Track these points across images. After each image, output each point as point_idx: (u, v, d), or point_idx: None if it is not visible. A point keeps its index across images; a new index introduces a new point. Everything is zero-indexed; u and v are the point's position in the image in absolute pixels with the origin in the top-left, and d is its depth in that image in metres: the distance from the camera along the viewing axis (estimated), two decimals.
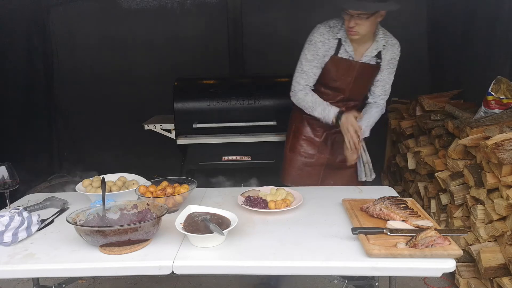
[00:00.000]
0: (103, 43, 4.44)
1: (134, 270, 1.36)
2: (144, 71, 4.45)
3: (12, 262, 1.38)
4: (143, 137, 3.87)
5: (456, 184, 2.63)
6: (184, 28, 4.42)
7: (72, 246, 1.46)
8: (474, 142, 2.49)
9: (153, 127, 3.65)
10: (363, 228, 1.46)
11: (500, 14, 3.11)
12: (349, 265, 1.33)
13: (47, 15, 4.40)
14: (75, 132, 4.67)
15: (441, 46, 4.19)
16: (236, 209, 1.70)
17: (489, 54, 3.30)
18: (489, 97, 2.65)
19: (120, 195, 1.81)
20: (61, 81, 4.55)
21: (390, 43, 2.19)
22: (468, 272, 2.52)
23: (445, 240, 1.34)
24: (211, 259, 1.38)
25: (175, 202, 1.73)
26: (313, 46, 2.14)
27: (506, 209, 2.18)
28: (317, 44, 2.13)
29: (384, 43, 2.17)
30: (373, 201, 1.68)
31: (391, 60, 2.21)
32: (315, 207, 1.78)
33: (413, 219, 1.53)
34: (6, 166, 1.75)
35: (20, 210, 1.56)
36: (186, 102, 3.44)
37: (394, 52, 2.20)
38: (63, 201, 1.88)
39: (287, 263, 1.34)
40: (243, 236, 1.51)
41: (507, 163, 2.16)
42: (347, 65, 2.14)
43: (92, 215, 1.52)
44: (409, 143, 3.42)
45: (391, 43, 2.20)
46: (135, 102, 4.41)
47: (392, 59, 2.21)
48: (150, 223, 1.42)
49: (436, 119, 3.07)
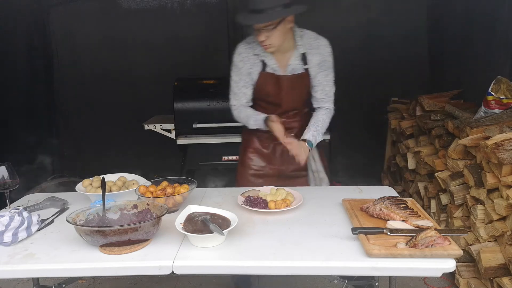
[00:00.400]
0: (103, 43, 4.45)
1: (134, 270, 1.36)
2: (144, 71, 4.46)
3: (12, 262, 1.38)
4: (143, 137, 3.87)
5: (456, 184, 2.63)
6: (184, 28, 4.42)
7: (72, 246, 1.46)
8: (474, 142, 2.49)
9: (153, 127, 3.66)
10: (363, 228, 1.46)
11: (500, 14, 3.11)
12: (349, 265, 1.33)
13: (47, 15, 4.40)
14: (75, 132, 4.68)
15: (441, 46, 4.20)
16: (236, 209, 1.70)
17: (489, 54, 3.31)
18: (489, 97, 2.65)
19: (120, 195, 1.81)
20: (61, 81, 4.56)
21: (314, 45, 2.06)
22: (468, 272, 2.52)
23: (445, 240, 1.34)
24: (211, 259, 1.38)
25: (175, 202, 1.73)
26: (235, 67, 2.09)
27: (506, 209, 2.18)
28: (238, 64, 2.08)
29: (308, 46, 2.05)
30: (373, 201, 1.68)
31: (323, 62, 2.08)
32: (315, 207, 1.78)
33: (413, 219, 1.53)
34: (6, 166, 1.74)
35: (20, 210, 1.56)
36: (186, 102, 3.44)
37: (322, 54, 2.07)
38: (63, 201, 1.88)
39: (287, 263, 1.34)
40: (243, 236, 1.51)
41: (507, 163, 2.16)
42: (274, 79, 2.07)
43: (92, 215, 1.52)
44: (409, 143, 3.42)
45: (316, 45, 2.06)
46: (135, 102, 4.42)
47: (322, 61, 2.08)
48: (150, 223, 1.42)
49: (436, 119, 3.08)
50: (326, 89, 2.12)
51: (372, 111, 4.29)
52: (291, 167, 2.17)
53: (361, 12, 4.45)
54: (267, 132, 2.15)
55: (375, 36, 4.41)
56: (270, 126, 2.02)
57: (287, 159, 2.15)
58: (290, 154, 1.98)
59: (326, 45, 2.08)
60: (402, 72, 4.33)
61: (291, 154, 1.97)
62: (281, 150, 2.16)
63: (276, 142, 2.15)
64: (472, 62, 3.55)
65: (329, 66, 2.09)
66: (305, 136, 2.05)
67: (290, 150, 1.97)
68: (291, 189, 1.90)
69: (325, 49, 2.08)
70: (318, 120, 2.12)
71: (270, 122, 2.02)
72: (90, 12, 4.39)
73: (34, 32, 4.30)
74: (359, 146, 4.40)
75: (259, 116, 2.09)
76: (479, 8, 3.39)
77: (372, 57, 4.40)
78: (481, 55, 3.41)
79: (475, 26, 3.49)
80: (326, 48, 2.08)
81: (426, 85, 4.29)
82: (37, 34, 4.35)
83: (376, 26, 4.41)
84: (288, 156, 2.13)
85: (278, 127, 2.00)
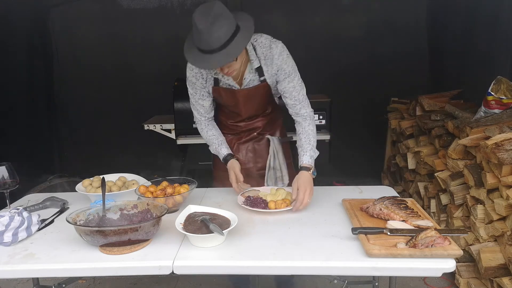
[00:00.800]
0: (103, 43, 4.44)
1: (134, 270, 1.36)
2: (144, 71, 4.46)
3: (12, 262, 1.38)
4: (143, 137, 3.87)
5: (456, 184, 2.63)
6: (184, 28, 4.37)
7: (72, 246, 1.46)
8: (474, 142, 2.49)
9: (153, 127, 3.66)
10: (363, 228, 1.46)
11: (500, 14, 3.11)
12: (349, 265, 1.33)
13: (47, 15, 4.40)
14: (75, 132, 4.67)
15: (441, 46, 4.20)
16: (236, 209, 1.70)
17: (489, 54, 3.31)
18: (489, 97, 2.65)
19: (120, 195, 1.81)
20: (61, 81, 4.56)
21: (268, 55, 1.86)
22: (468, 272, 2.52)
23: (445, 240, 1.34)
24: (211, 259, 1.38)
25: (175, 202, 1.73)
26: (189, 81, 1.98)
27: (506, 209, 2.18)
28: (191, 79, 1.96)
29: (262, 57, 1.88)
30: (373, 201, 1.68)
31: (280, 71, 1.89)
32: (315, 207, 1.78)
33: (413, 219, 1.53)
34: (6, 166, 1.74)
35: (20, 210, 1.56)
36: (186, 102, 3.42)
37: (277, 63, 1.87)
38: (63, 201, 1.88)
39: (287, 263, 1.34)
40: (243, 236, 1.51)
41: (507, 163, 2.16)
42: (230, 93, 1.96)
43: (92, 215, 1.52)
44: (409, 143, 3.42)
45: (270, 55, 1.86)
46: (135, 102, 4.41)
47: (279, 70, 1.89)
48: (150, 223, 1.42)
49: (436, 119, 3.08)
50: (293, 94, 1.93)
51: (372, 111, 4.29)
52: (258, 166, 2.16)
53: (361, 12, 4.45)
54: (230, 133, 2.15)
55: (375, 36, 4.41)
56: (228, 169, 1.96)
57: (251, 159, 2.15)
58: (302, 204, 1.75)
59: (280, 52, 1.86)
60: (402, 72, 4.33)
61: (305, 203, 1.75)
62: (245, 150, 2.16)
63: (240, 142, 2.15)
64: (472, 62, 3.55)
65: (289, 73, 1.89)
66: (304, 161, 1.85)
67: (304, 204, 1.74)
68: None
69: (280, 58, 1.86)
70: (308, 134, 1.93)
71: (228, 166, 1.97)
72: (90, 12, 4.39)
73: (34, 32, 4.30)
74: (359, 146, 4.40)
75: (221, 149, 2.03)
76: (480, 8, 3.39)
77: (372, 57, 4.41)
78: (481, 55, 3.42)
79: (475, 26, 3.49)
80: (280, 56, 1.86)
81: (426, 85, 4.30)
82: (37, 34, 4.35)
83: (376, 26, 4.41)
84: (255, 155, 2.15)
85: (232, 176, 1.92)
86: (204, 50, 1.64)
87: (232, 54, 1.64)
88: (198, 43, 1.64)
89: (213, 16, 1.58)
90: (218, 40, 1.60)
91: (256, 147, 2.16)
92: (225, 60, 1.64)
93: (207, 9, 1.60)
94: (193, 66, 1.91)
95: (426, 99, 3.38)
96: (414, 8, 4.35)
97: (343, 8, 4.45)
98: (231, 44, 1.62)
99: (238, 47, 1.64)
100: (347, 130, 4.29)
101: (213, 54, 1.63)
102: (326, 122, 3.63)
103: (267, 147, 2.15)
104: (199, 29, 1.58)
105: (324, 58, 4.21)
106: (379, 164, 4.35)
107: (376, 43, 4.40)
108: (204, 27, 1.58)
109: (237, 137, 2.16)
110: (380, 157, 4.31)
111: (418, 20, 4.38)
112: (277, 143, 2.14)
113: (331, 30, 4.46)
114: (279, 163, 2.13)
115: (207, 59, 1.65)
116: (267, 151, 2.15)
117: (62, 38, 4.46)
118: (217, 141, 2.06)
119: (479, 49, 3.45)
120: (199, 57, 1.67)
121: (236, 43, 1.63)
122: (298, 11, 4.40)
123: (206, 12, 1.59)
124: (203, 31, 1.58)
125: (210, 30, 1.58)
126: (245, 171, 2.11)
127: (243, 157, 2.16)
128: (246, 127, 2.13)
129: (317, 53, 4.29)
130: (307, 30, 4.36)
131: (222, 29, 1.60)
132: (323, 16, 4.44)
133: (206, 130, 2.09)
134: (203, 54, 1.65)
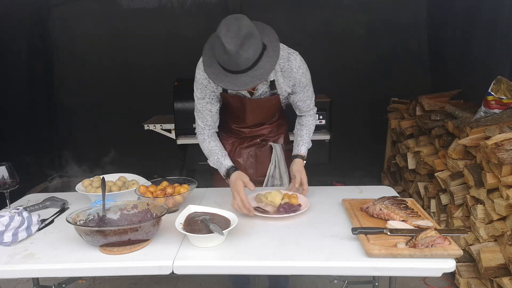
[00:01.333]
0: (103, 43, 4.45)
1: (134, 270, 1.36)
2: (144, 71, 4.46)
3: (12, 262, 1.38)
4: (143, 137, 3.87)
5: (456, 184, 2.63)
6: (184, 28, 4.42)
7: (72, 246, 1.46)
8: (474, 142, 2.49)
9: (153, 127, 3.66)
10: (363, 228, 1.46)
11: (500, 14, 3.11)
12: (349, 265, 1.33)
13: (47, 15, 4.40)
14: (76, 132, 4.67)
15: (441, 46, 4.20)
16: None
17: (489, 54, 3.31)
18: (489, 97, 2.65)
19: (120, 195, 1.81)
20: (61, 81, 4.56)
21: (286, 68, 1.82)
22: (468, 272, 2.52)
23: (445, 240, 1.34)
24: (211, 259, 1.38)
25: (175, 202, 1.73)
26: (199, 84, 1.88)
27: (506, 209, 2.18)
28: (203, 81, 1.86)
29: (279, 70, 1.84)
30: (373, 201, 1.68)
31: (299, 83, 1.88)
32: (315, 207, 1.78)
33: (413, 219, 1.53)
34: (6, 166, 1.75)
35: (20, 210, 1.56)
36: (186, 102, 3.44)
37: (298, 75, 1.85)
38: (63, 201, 1.88)
39: (287, 263, 1.34)
40: (243, 236, 1.51)
41: (507, 163, 2.16)
42: (238, 100, 1.91)
43: (92, 215, 1.52)
44: (409, 143, 3.42)
45: (288, 68, 1.82)
46: (135, 102, 4.41)
47: (299, 82, 1.87)
48: (150, 223, 1.42)
49: (436, 119, 3.08)
50: (307, 102, 1.99)
51: (372, 111, 4.29)
52: (258, 172, 2.12)
53: (361, 12, 4.45)
54: (233, 136, 2.11)
55: (375, 36, 4.42)
56: (231, 183, 1.79)
57: (252, 164, 2.12)
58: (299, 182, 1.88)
59: (299, 66, 1.83)
60: (402, 72, 4.34)
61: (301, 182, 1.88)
62: (247, 155, 2.12)
63: (241, 147, 2.11)
64: (472, 62, 3.55)
65: (305, 84, 1.90)
66: (301, 151, 1.99)
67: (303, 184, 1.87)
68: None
69: (299, 71, 1.84)
70: (310, 129, 2.06)
71: (235, 178, 1.79)
72: (90, 12, 4.39)
73: (34, 32, 4.30)
74: (359, 146, 4.41)
75: (224, 161, 1.89)
76: (480, 8, 3.39)
77: (372, 57, 4.41)
78: (481, 55, 3.41)
79: (475, 26, 3.49)
80: (300, 70, 1.84)
81: (426, 85, 4.30)
82: (37, 34, 4.35)
83: (376, 26, 4.41)
84: (256, 161, 2.11)
85: (241, 194, 1.72)
86: (230, 70, 1.57)
87: (261, 77, 1.59)
88: (223, 63, 1.57)
89: (242, 37, 1.50)
90: (247, 61, 1.54)
91: (258, 153, 2.12)
92: (252, 82, 1.59)
93: (235, 27, 1.51)
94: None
95: (426, 99, 3.38)
96: (414, 8, 4.35)
97: (344, 8, 4.46)
98: (258, 65, 1.58)
99: (266, 70, 1.59)
100: (347, 130, 4.29)
101: (239, 75, 1.57)
102: (326, 122, 3.63)
103: (270, 154, 2.12)
104: (227, 50, 1.50)
105: (324, 58, 4.20)
106: (379, 164, 4.35)
107: (376, 43, 4.41)
108: (232, 48, 1.50)
109: (240, 141, 2.12)
110: (380, 157, 4.31)
111: (418, 20, 4.39)
112: (280, 151, 2.11)
113: (331, 30, 4.46)
114: (280, 172, 2.10)
115: (232, 79, 1.58)
116: (269, 157, 2.12)
117: (62, 38, 4.46)
118: (220, 153, 1.93)
119: (479, 49, 3.44)
120: (223, 75, 1.60)
121: (264, 64, 1.58)
122: (299, 11, 4.40)
123: (234, 31, 1.50)
124: (232, 52, 1.50)
125: (239, 51, 1.51)
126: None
127: (244, 162, 2.12)
128: (250, 133, 2.09)
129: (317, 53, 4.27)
130: (307, 30, 4.36)
131: (251, 49, 1.53)
132: (323, 16, 4.44)
133: (209, 140, 1.96)
134: (228, 73, 1.58)
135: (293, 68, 1.83)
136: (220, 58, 1.56)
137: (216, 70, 1.61)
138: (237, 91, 1.86)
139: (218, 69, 1.61)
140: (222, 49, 1.52)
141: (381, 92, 4.23)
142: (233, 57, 1.52)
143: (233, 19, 1.54)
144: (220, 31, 1.52)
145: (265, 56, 1.59)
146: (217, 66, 1.61)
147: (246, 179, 1.77)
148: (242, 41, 1.50)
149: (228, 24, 1.53)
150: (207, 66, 1.65)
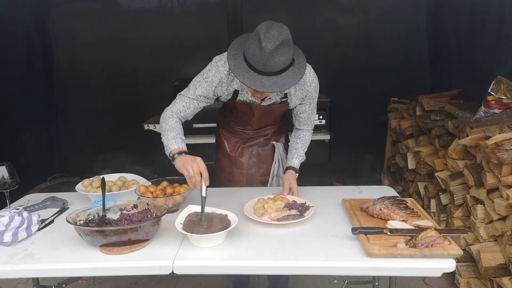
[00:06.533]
0: (103, 43, 4.44)
1: (134, 270, 1.36)
2: (144, 71, 4.46)
3: (12, 262, 1.38)
4: (143, 137, 3.87)
5: (456, 184, 2.63)
6: (184, 28, 4.42)
7: (72, 246, 1.46)
8: (474, 142, 2.49)
9: (153, 127, 3.66)
10: (363, 228, 1.46)
11: (500, 14, 3.11)
12: (349, 265, 1.33)
13: (47, 15, 4.40)
14: (75, 132, 4.67)
15: (441, 46, 4.20)
16: (236, 209, 1.70)
17: (489, 54, 3.31)
18: (489, 97, 2.65)
19: (120, 195, 1.81)
20: (61, 81, 4.55)
21: (300, 82, 1.84)
22: (468, 272, 2.52)
23: (445, 240, 1.34)
24: (211, 259, 1.38)
25: (175, 202, 1.73)
26: (206, 77, 1.83)
27: (506, 209, 2.18)
28: (213, 78, 1.82)
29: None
30: (373, 201, 1.68)
31: (309, 96, 1.92)
32: (315, 207, 1.78)
33: (413, 219, 1.53)
34: (6, 166, 1.75)
35: (20, 210, 1.56)
36: None
37: (310, 88, 1.88)
38: (63, 201, 1.88)
39: (287, 263, 1.34)
40: (243, 236, 1.51)
41: (507, 163, 2.16)
42: (247, 106, 1.92)
43: (92, 215, 1.52)
44: (409, 143, 3.42)
45: (302, 80, 1.83)
46: (135, 102, 4.41)
47: (309, 95, 1.92)
48: (150, 223, 1.42)
49: (436, 119, 3.08)
50: (311, 116, 2.05)
51: (372, 111, 4.29)
52: (260, 171, 2.14)
53: (361, 12, 4.45)
54: (237, 137, 2.13)
55: (375, 36, 4.42)
56: (177, 165, 1.68)
57: (256, 164, 2.13)
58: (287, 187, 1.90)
59: (313, 79, 1.87)
60: (402, 72, 4.34)
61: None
62: (249, 154, 2.13)
63: (244, 146, 2.13)
64: (472, 62, 3.55)
65: (314, 97, 1.95)
66: (295, 163, 2.03)
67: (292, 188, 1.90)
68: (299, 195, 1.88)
69: (312, 85, 1.87)
70: (306, 143, 2.09)
71: (188, 156, 1.67)
72: (90, 12, 4.39)
73: (34, 32, 4.30)
74: (359, 146, 4.41)
75: (175, 142, 1.72)
76: (479, 8, 3.39)
77: (372, 57, 4.41)
78: (481, 55, 3.41)
79: (475, 26, 3.49)
80: (313, 84, 1.87)
81: (426, 85, 4.30)
82: (37, 34, 4.34)
83: (376, 26, 4.41)
84: (259, 161, 2.13)
85: (199, 167, 1.62)
86: (255, 68, 1.56)
87: (281, 86, 1.58)
88: (252, 58, 1.55)
89: (281, 41, 1.51)
90: (275, 65, 1.54)
91: (261, 152, 2.14)
92: (271, 88, 1.57)
93: (276, 31, 1.52)
94: (225, 74, 1.81)
95: (426, 99, 3.38)
96: (414, 8, 4.35)
97: (344, 8, 4.45)
98: (282, 75, 1.58)
99: (288, 82, 1.59)
100: (347, 130, 4.29)
101: (261, 76, 1.57)
102: (326, 122, 3.63)
103: (272, 153, 2.14)
104: (262, 46, 1.50)
105: (324, 58, 4.20)
106: (379, 164, 4.35)
107: (376, 43, 4.41)
108: (269, 46, 1.50)
109: (242, 141, 2.14)
110: (380, 157, 4.31)
111: (418, 20, 4.39)
112: (282, 150, 2.14)
113: (331, 30, 4.46)
114: (284, 171, 2.11)
115: (253, 77, 1.57)
116: (271, 157, 2.14)
117: (62, 38, 4.46)
118: (181, 135, 1.78)
119: (479, 49, 3.45)
120: (244, 70, 1.58)
121: (288, 77, 1.59)
122: (299, 11, 4.40)
123: (275, 33, 1.51)
124: (266, 50, 1.50)
125: (273, 53, 1.51)
126: (247, 176, 2.13)
127: (246, 162, 2.14)
128: (254, 135, 2.12)
129: (317, 53, 4.29)
130: (307, 30, 4.36)
131: (283, 56, 1.54)
132: (323, 16, 4.44)
133: (173, 119, 1.82)
134: (251, 70, 1.58)
135: (307, 81, 1.86)
136: (251, 53, 1.55)
137: (240, 64, 1.60)
138: (251, 100, 1.88)
139: (242, 63, 1.60)
140: (257, 45, 1.53)
141: (381, 92, 4.24)
142: (266, 56, 1.52)
143: (275, 24, 1.57)
144: (261, 28, 1.54)
145: (291, 70, 1.61)
146: (242, 61, 1.60)
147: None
148: (279, 44, 1.51)
149: (270, 25, 1.55)
150: (232, 59, 1.62)
